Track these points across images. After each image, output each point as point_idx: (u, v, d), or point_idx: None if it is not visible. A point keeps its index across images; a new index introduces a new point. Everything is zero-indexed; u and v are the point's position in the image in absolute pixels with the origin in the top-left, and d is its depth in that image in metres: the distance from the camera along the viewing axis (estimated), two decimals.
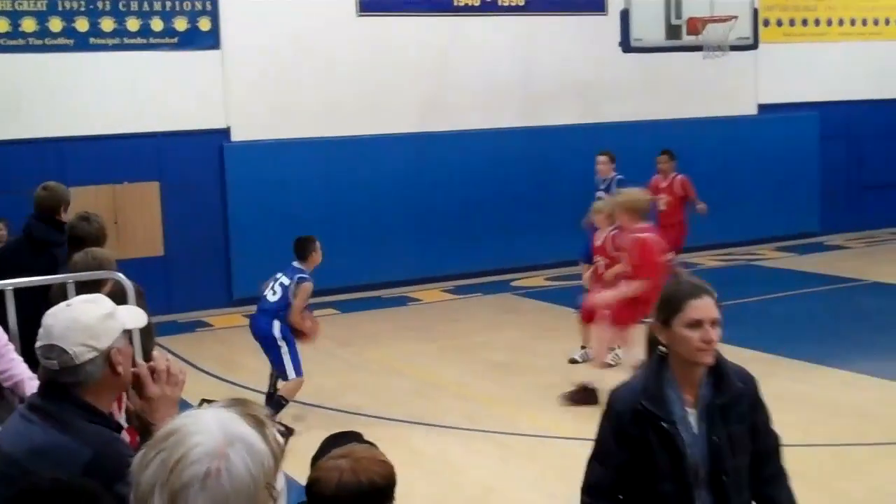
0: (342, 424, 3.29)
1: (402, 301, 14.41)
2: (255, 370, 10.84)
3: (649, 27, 13.84)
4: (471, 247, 14.73)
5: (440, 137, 15.29)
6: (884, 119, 18.83)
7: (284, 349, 9.04)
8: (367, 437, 3.24)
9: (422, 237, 14.61)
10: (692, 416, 3.61)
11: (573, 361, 10.81)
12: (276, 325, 9.05)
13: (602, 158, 12.95)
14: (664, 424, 3.57)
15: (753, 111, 18.15)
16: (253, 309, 9.68)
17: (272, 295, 9.14)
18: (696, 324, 3.54)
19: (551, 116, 16.02)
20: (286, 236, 13.82)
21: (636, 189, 9.72)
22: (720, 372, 3.64)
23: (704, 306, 3.57)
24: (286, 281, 9.13)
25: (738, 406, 3.64)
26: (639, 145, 16.05)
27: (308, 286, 9.12)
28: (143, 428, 3.06)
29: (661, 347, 3.66)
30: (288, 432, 1.88)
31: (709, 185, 17.11)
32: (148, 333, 4.56)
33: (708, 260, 16.81)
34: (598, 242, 10.55)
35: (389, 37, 15.03)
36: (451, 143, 15.33)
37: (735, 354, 11.33)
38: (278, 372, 9.17)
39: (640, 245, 8.99)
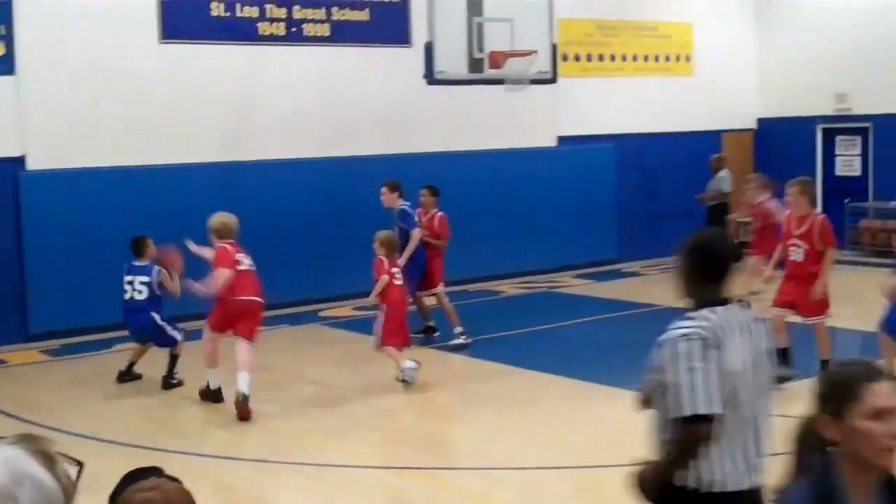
0: (147, 460, 3.23)
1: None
2: (52, 408, 10.49)
3: (453, 60, 14.10)
4: (278, 277, 14.54)
5: (245, 167, 15.17)
6: (674, 150, 19.73)
7: (167, 328, 11.16)
8: (173, 472, 3.19)
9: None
10: None
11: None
12: (155, 316, 11.09)
13: (383, 189, 13.14)
14: None
15: (553, 143, 18.71)
16: (52, 344, 9.46)
17: (139, 295, 11.05)
18: (880, 414, 2.93)
19: (356, 147, 16.13)
20: (85, 268, 13.54)
21: (223, 213, 10.68)
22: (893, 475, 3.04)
23: (887, 392, 2.97)
24: (145, 279, 11.06)
25: None
26: (443, 176, 16.30)
27: (164, 273, 11.14)
28: None
29: (829, 447, 3.02)
30: (79, 466, 1.86)
31: (511, 214, 17.62)
32: None
33: (509, 288, 17.21)
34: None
35: (193, 64, 14.84)
36: (255, 173, 15.22)
37: (536, 379, 11.69)
38: (166, 344, 11.18)
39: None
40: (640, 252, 19.24)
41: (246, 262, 10.32)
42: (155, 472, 3.15)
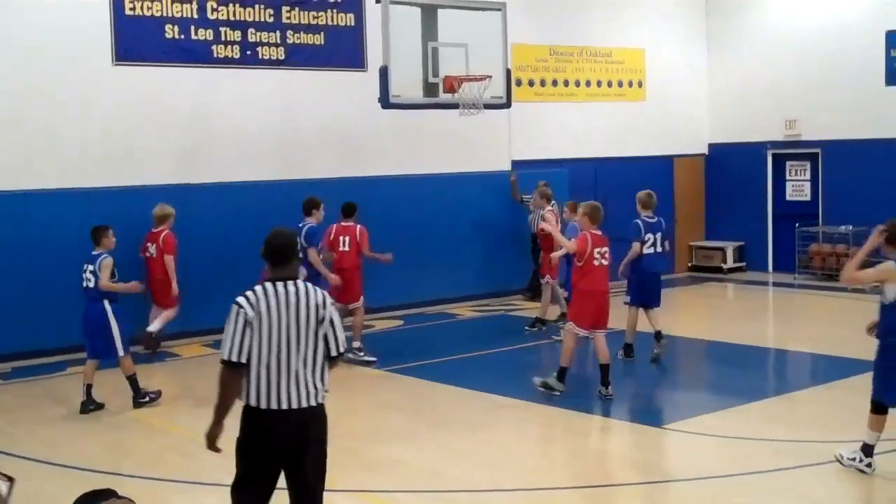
0: (100, 484, 3.23)
1: (160, 356, 14.11)
2: (3, 431, 10.38)
3: (408, 84, 14.14)
4: (230, 300, 14.58)
5: (199, 189, 15.12)
6: (626, 175, 19.90)
7: (115, 327, 10.89)
8: (128, 496, 3.19)
9: (181, 290, 14.30)
10: None
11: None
12: (106, 305, 10.88)
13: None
14: None
15: (507, 167, 18.83)
16: (3, 367, 9.36)
17: (89, 283, 10.88)
18: None
19: (312, 169, 16.13)
20: (38, 290, 13.43)
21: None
22: None
23: None
24: (92, 267, 10.86)
25: None
26: (398, 199, 16.39)
27: (108, 261, 10.86)
28: None
29: None
30: (10, 482, 1.85)
31: (465, 237, 17.68)
32: None
33: (466, 311, 17.26)
34: None
35: (147, 87, 14.79)
36: (210, 195, 15.18)
37: (492, 401, 11.65)
38: (104, 349, 10.94)
39: None
40: None
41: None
42: (110, 493, 3.15)
